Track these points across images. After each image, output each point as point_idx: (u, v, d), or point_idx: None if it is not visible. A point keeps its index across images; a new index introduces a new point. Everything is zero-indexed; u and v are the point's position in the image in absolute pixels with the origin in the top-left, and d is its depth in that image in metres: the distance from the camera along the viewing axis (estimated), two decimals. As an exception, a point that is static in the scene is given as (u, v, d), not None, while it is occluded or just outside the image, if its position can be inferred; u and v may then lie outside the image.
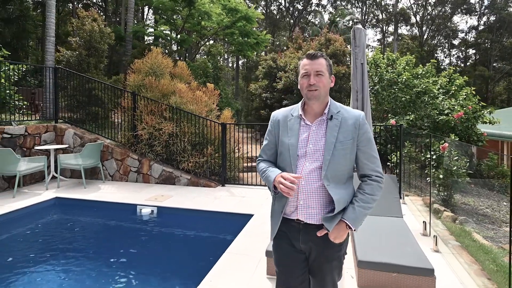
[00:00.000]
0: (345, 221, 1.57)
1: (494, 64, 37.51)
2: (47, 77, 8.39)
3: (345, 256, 1.73)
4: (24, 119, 7.32)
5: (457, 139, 7.37)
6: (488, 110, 8.54)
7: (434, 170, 5.89)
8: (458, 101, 8.29)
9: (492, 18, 37.80)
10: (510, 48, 35.70)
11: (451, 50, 42.43)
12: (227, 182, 6.78)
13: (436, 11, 39.57)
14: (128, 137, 7.10)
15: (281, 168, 1.68)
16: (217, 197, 5.92)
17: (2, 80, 7.01)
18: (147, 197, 5.80)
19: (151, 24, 26.90)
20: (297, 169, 1.61)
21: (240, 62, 34.90)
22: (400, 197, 5.55)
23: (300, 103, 1.73)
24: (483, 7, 38.95)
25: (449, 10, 39.22)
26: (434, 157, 5.96)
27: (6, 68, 7.04)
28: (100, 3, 24.13)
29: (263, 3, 37.20)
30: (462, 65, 41.70)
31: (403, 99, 8.49)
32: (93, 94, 8.14)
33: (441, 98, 8.55)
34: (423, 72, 8.85)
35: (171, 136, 6.80)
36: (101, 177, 7.02)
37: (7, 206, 5.21)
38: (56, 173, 6.79)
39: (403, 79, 8.50)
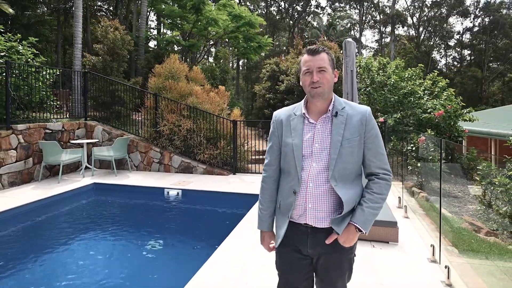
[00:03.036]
0: (355, 224, 1.49)
1: (490, 65, 38.60)
2: (75, 80, 9.45)
3: (355, 259, 1.68)
4: (57, 117, 8.34)
5: (436, 134, 8.44)
6: (467, 110, 9.59)
7: (414, 159, 6.96)
8: (440, 101, 9.35)
9: (487, 19, 38.88)
10: (504, 49, 36.78)
11: (447, 51, 43.52)
12: (238, 171, 7.84)
13: (432, 13, 40.65)
14: (151, 132, 8.15)
15: (286, 170, 1.62)
16: (230, 182, 6.99)
17: (40, 83, 8.03)
18: (170, 182, 6.86)
19: (153, 26, 27.97)
20: (304, 169, 1.53)
21: (240, 62, 35.85)
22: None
23: (302, 101, 1.65)
24: (478, 9, 40.04)
25: (445, 12, 40.30)
26: (413, 148, 7.03)
27: (44, 73, 8.05)
28: (107, 7, 25.19)
29: (263, 4, 38.20)
30: (458, 65, 42.81)
31: (391, 99, 9.56)
32: (116, 95, 9.19)
33: (425, 99, 9.61)
34: (409, 76, 9.91)
35: (189, 131, 7.86)
36: (128, 167, 8.08)
37: (56, 189, 6.26)
38: (89, 164, 7.86)
39: (391, 82, 9.56)
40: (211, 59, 29.46)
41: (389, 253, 3.54)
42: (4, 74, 6.83)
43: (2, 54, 7.41)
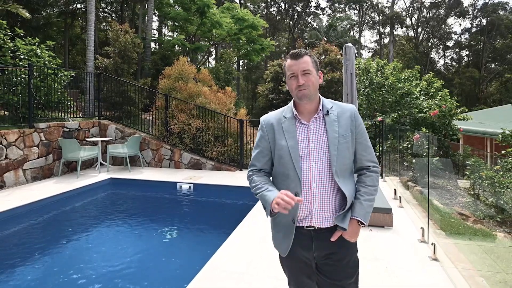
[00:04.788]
0: (357, 218, 1.54)
1: (487, 65, 39.13)
2: (88, 81, 9.92)
3: (358, 261, 1.67)
4: (72, 116, 8.80)
5: (432, 132, 8.93)
6: (461, 109, 10.08)
7: (409, 156, 7.45)
8: (435, 101, 9.85)
9: (484, 21, 39.42)
10: (501, 49, 37.30)
11: (445, 51, 44.06)
12: (244, 167, 8.32)
13: (431, 14, 41.17)
14: (162, 131, 8.63)
15: (283, 173, 1.59)
16: (237, 177, 7.47)
17: (57, 85, 8.49)
18: (182, 177, 7.33)
19: (154, 27, 28.44)
20: (303, 171, 1.54)
21: (240, 63, 36.23)
22: (381, 176, 7.10)
23: (290, 104, 1.68)
24: (476, 10, 40.58)
25: (443, 13, 40.82)
26: (409, 145, 7.52)
27: (61, 74, 8.52)
28: (109, 8, 25.65)
29: (263, 4, 38.66)
30: (456, 65, 43.35)
31: (389, 99, 10.06)
32: (127, 96, 9.66)
33: (421, 99, 10.11)
34: (405, 77, 10.41)
35: (198, 130, 8.34)
36: (140, 163, 8.56)
37: (77, 183, 6.73)
38: (104, 161, 8.34)
39: (389, 83, 10.06)
40: (211, 59, 29.93)
41: (384, 235, 4.02)
42: (24, 76, 7.30)
43: (21, 57, 7.88)
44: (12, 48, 7.81)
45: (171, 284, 3.31)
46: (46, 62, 8.34)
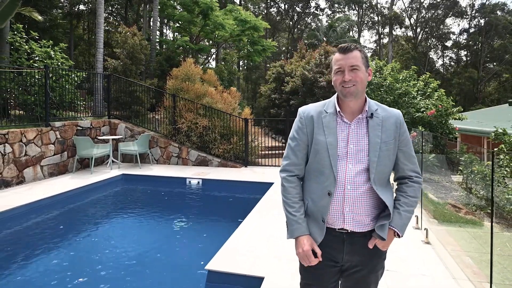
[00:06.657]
0: (394, 228, 1.50)
1: (486, 65, 39.55)
2: (97, 81, 10.30)
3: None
4: (83, 115, 9.16)
5: (429, 131, 9.33)
6: (456, 109, 10.48)
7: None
8: (431, 101, 10.25)
9: (482, 21, 39.85)
10: (499, 50, 37.73)
11: (444, 51, 44.49)
12: (249, 164, 8.71)
13: (429, 14, 41.59)
14: (169, 129, 9.00)
15: (318, 169, 1.52)
16: (243, 173, 7.85)
17: (69, 85, 8.86)
18: (190, 173, 7.72)
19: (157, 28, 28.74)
20: (339, 171, 1.47)
21: (240, 62, 36.48)
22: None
23: (332, 99, 1.58)
24: (474, 11, 41.01)
25: (441, 13, 41.24)
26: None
27: (73, 75, 8.90)
28: (112, 11, 26.03)
29: (263, 5, 39.01)
30: (455, 65, 43.76)
31: (387, 99, 10.45)
32: (135, 96, 10.04)
33: (419, 99, 10.51)
34: (403, 78, 10.82)
35: (205, 128, 8.72)
36: (149, 160, 8.94)
37: (92, 179, 7.10)
38: (115, 158, 8.71)
39: (387, 83, 10.47)
40: (211, 60, 30.24)
41: (382, 223, 4.41)
42: (39, 77, 7.66)
43: (36, 59, 8.26)
44: (28, 51, 8.17)
45: (190, 264, 3.70)
46: (59, 64, 8.72)
